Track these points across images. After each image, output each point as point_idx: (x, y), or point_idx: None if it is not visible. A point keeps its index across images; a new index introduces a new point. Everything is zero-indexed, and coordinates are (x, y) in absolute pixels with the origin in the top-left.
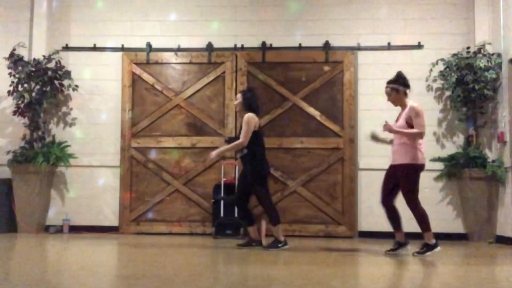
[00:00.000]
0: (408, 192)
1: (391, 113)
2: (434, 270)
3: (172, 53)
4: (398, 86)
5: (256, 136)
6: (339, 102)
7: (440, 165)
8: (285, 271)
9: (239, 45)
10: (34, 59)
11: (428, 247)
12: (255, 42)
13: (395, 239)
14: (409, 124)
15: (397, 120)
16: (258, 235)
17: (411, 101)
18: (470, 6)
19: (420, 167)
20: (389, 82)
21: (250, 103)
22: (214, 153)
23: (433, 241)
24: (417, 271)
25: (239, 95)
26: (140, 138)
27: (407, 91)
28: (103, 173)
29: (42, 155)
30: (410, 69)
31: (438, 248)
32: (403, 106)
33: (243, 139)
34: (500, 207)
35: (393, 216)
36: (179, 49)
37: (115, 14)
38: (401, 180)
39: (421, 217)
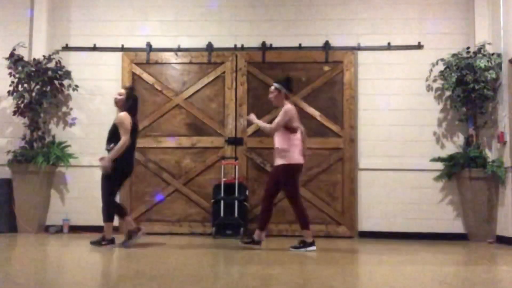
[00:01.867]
0: (288, 191)
1: (391, 113)
2: (434, 270)
3: (172, 53)
4: (281, 87)
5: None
6: (339, 102)
7: (440, 165)
8: (285, 271)
9: (239, 45)
10: (34, 59)
11: (305, 244)
12: (255, 42)
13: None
14: (284, 126)
15: None
16: (132, 225)
17: (287, 104)
18: (470, 6)
19: (295, 167)
20: (276, 82)
21: (133, 103)
22: (104, 162)
23: (311, 239)
24: (417, 271)
25: (123, 91)
26: (140, 138)
27: (289, 95)
28: None
29: (42, 155)
30: (410, 69)
31: (314, 248)
32: (281, 107)
33: (125, 138)
34: (500, 207)
35: (268, 214)
36: (179, 49)
37: (115, 14)
38: (282, 180)
39: (301, 215)
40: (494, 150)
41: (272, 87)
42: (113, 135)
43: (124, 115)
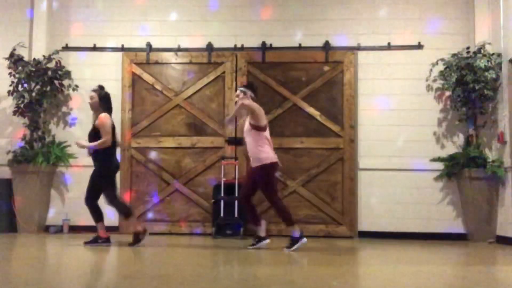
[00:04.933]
0: (266, 191)
1: (391, 113)
2: (434, 270)
3: (172, 53)
4: (246, 90)
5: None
6: (339, 102)
7: (440, 165)
8: (285, 271)
9: (239, 45)
10: (34, 59)
11: (294, 241)
12: (255, 42)
13: (256, 234)
14: (253, 126)
15: None
16: (104, 231)
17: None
18: (470, 6)
19: (270, 166)
20: (241, 86)
21: (107, 102)
22: (80, 143)
23: (298, 234)
24: (417, 271)
25: (93, 94)
26: (140, 138)
27: (255, 98)
28: None
29: (42, 155)
30: (410, 69)
31: (305, 240)
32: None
33: (106, 137)
34: (500, 207)
35: (253, 212)
36: (179, 49)
37: (115, 14)
38: (258, 181)
39: (283, 212)
40: (494, 150)
41: (238, 91)
42: (94, 138)
43: (105, 116)
